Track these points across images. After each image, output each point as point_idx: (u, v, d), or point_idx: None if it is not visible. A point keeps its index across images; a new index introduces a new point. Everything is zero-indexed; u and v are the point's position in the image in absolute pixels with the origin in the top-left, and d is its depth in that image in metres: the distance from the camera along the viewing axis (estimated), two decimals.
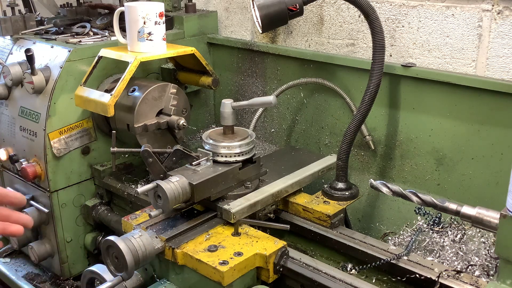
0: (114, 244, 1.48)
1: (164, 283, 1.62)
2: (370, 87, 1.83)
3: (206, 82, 2.23)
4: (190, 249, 1.54)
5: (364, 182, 2.15)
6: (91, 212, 2.20)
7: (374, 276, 1.64)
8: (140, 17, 1.95)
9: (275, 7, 1.86)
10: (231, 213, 1.63)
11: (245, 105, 1.80)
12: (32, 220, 1.22)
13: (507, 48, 1.75)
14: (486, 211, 1.27)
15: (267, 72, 2.42)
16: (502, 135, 1.78)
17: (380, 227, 2.12)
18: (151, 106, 2.02)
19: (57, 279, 2.29)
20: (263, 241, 1.57)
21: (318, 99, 2.26)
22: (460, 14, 1.82)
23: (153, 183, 1.57)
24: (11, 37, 2.31)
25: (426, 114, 1.94)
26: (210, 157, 1.71)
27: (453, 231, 1.66)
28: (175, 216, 1.69)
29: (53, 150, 2.06)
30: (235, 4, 2.53)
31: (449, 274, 1.48)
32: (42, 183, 2.14)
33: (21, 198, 1.24)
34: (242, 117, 2.57)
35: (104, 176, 2.16)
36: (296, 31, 2.31)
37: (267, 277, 1.55)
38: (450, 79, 1.83)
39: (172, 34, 2.38)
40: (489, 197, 1.83)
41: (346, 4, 2.10)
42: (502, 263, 1.16)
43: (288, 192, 1.85)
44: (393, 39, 2.01)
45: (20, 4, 2.50)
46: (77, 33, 2.30)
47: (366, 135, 2.07)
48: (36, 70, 2.05)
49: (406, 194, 1.40)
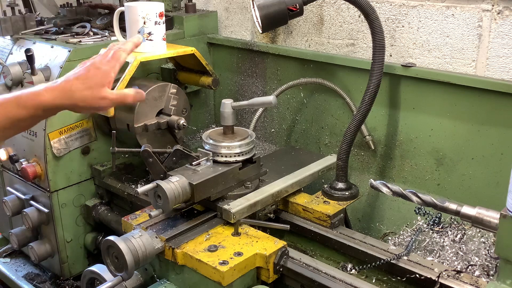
0: (114, 244, 1.48)
1: (164, 283, 1.62)
2: (370, 87, 1.83)
3: (206, 82, 2.23)
4: (190, 249, 1.54)
5: (364, 182, 2.15)
6: (91, 212, 2.20)
7: (374, 276, 1.64)
8: (140, 17, 1.95)
9: (275, 7, 1.86)
10: (231, 213, 1.63)
11: (245, 105, 1.80)
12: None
13: (507, 48, 1.75)
14: (486, 211, 1.27)
15: (267, 72, 2.42)
16: (502, 135, 1.78)
17: (380, 227, 2.12)
18: (151, 106, 2.02)
19: (57, 279, 2.29)
20: (263, 241, 1.57)
21: (318, 99, 2.26)
22: (460, 14, 1.82)
23: (153, 183, 1.57)
24: (11, 37, 2.30)
25: (426, 114, 1.94)
26: (210, 157, 1.71)
27: (453, 231, 1.66)
28: (175, 216, 1.69)
29: (53, 150, 2.06)
30: (235, 4, 2.53)
31: (449, 274, 1.48)
32: (42, 183, 2.14)
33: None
34: (242, 117, 2.57)
35: (104, 176, 2.16)
36: (296, 31, 2.31)
37: (267, 277, 1.55)
38: (450, 79, 1.83)
39: (172, 34, 2.38)
40: (489, 197, 1.83)
41: (346, 4, 2.10)
42: (502, 263, 1.16)
43: (288, 192, 1.85)
44: (393, 39, 2.01)
45: (20, 4, 2.49)
46: (77, 33, 2.29)
47: (366, 135, 2.07)
48: (36, 70, 2.05)
49: (406, 194, 1.40)
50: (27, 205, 2.21)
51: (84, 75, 1.30)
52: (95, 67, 1.32)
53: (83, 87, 1.29)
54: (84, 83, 1.29)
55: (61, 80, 1.30)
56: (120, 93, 1.35)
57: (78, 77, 1.30)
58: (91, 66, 1.32)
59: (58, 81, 1.30)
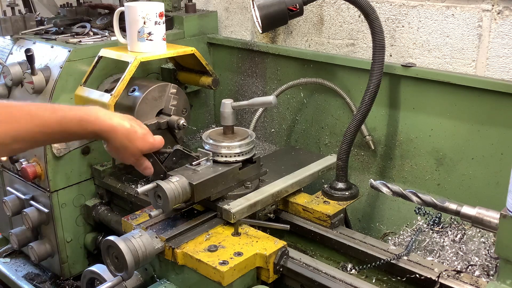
0: (114, 244, 1.48)
1: (164, 283, 1.62)
2: (370, 87, 1.83)
3: (206, 82, 2.23)
4: (190, 249, 1.54)
5: (364, 182, 2.15)
6: (91, 212, 2.20)
7: (374, 276, 1.64)
8: (140, 17, 1.95)
9: (275, 7, 1.86)
10: (231, 213, 1.63)
11: (245, 105, 1.80)
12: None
13: (507, 48, 1.75)
14: (486, 211, 1.27)
15: (267, 72, 2.42)
16: (502, 135, 1.78)
17: (380, 227, 2.12)
18: (151, 106, 2.02)
19: (57, 279, 2.29)
20: (263, 241, 1.57)
21: (318, 99, 2.26)
22: (460, 14, 1.82)
23: (153, 183, 1.57)
24: (11, 37, 2.30)
25: (426, 114, 1.94)
26: (210, 157, 1.71)
27: (453, 231, 1.66)
28: (175, 216, 1.69)
29: (53, 150, 2.06)
30: (235, 4, 2.53)
31: (449, 274, 1.48)
32: (42, 183, 2.14)
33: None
34: (242, 117, 2.57)
35: (104, 176, 2.16)
36: (296, 31, 2.31)
37: (267, 277, 1.55)
38: (450, 79, 1.83)
39: (172, 34, 2.38)
40: (489, 197, 1.83)
41: (346, 4, 2.10)
42: (502, 263, 1.16)
43: (288, 192, 1.85)
44: (393, 39, 2.01)
45: (20, 4, 2.49)
46: (77, 33, 2.29)
47: (366, 135, 2.07)
48: (36, 70, 2.05)
49: (406, 194, 1.40)
50: (27, 205, 2.21)
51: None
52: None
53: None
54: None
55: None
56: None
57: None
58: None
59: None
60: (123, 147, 1.45)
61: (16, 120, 1.25)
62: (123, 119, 1.44)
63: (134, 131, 1.45)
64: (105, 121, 1.39)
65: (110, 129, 1.40)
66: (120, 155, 1.50)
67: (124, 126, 1.43)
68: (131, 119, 1.47)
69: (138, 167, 1.55)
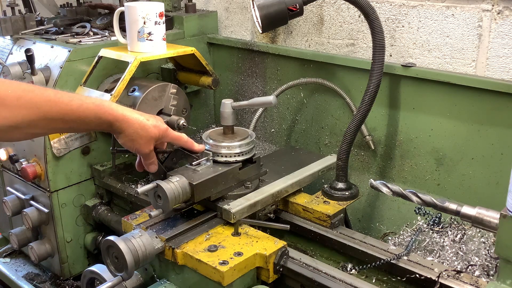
0: (114, 244, 1.48)
1: (164, 283, 1.62)
2: (370, 87, 1.83)
3: (206, 82, 2.23)
4: (190, 249, 1.54)
5: (364, 182, 2.15)
6: (91, 212, 2.20)
7: (374, 276, 1.64)
8: (140, 17, 1.95)
9: (275, 7, 1.86)
10: (231, 213, 1.63)
11: (245, 105, 1.80)
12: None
13: (507, 48, 1.75)
14: (486, 211, 1.27)
15: (267, 72, 2.42)
16: (502, 135, 1.78)
17: (380, 227, 2.12)
18: (151, 106, 2.02)
19: (57, 279, 2.29)
20: (263, 241, 1.57)
21: (318, 99, 2.26)
22: (460, 14, 1.82)
23: (153, 183, 1.57)
24: (11, 37, 2.31)
25: (426, 114, 1.94)
26: (210, 157, 1.71)
27: (453, 231, 1.66)
28: (175, 216, 1.69)
29: (53, 150, 2.06)
30: (235, 4, 2.53)
31: (449, 274, 1.48)
32: (42, 183, 2.14)
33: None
34: (242, 117, 2.57)
35: (104, 176, 2.16)
36: (296, 31, 2.31)
37: (267, 277, 1.55)
38: (450, 79, 1.83)
39: (172, 34, 2.38)
40: (489, 197, 1.83)
41: (346, 4, 2.10)
42: (502, 263, 1.16)
43: (288, 192, 1.85)
44: (393, 39, 2.01)
45: (20, 4, 2.49)
46: (77, 33, 2.29)
47: (366, 135, 2.07)
48: (36, 70, 2.05)
49: (406, 194, 1.40)
50: (27, 205, 2.21)
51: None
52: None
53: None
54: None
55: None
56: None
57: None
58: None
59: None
60: (137, 135, 1.49)
61: (37, 106, 1.27)
62: (134, 111, 1.51)
63: (146, 119, 1.51)
64: (118, 111, 1.45)
65: (123, 119, 1.45)
66: (135, 145, 1.51)
67: (137, 116, 1.49)
68: (142, 113, 1.54)
69: (147, 160, 1.59)
